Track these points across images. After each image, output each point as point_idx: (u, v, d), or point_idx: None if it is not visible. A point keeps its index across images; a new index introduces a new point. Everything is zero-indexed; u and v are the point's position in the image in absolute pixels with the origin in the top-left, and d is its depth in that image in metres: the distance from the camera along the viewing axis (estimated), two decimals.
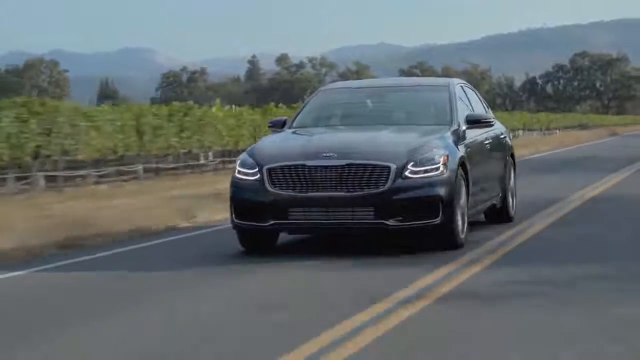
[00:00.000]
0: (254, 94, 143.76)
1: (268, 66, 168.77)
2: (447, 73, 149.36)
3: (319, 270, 10.31)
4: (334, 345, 6.82)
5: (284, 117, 13.32)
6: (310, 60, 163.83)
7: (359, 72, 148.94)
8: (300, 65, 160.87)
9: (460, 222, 11.41)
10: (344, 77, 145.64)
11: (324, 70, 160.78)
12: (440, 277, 9.55)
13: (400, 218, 10.92)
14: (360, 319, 7.65)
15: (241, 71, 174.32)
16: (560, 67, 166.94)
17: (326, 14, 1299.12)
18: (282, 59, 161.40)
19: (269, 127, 13.13)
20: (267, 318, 7.93)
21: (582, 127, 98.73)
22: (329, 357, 6.55)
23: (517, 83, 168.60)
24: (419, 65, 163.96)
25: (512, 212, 14.27)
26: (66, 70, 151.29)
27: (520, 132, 73.80)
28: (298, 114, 13.10)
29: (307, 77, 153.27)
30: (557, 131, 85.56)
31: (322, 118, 13.03)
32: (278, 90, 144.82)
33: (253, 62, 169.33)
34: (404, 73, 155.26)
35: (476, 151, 12.47)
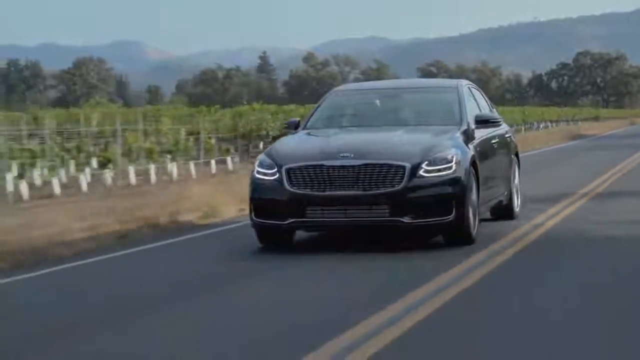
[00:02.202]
0: (285, 91, 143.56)
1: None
2: (460, 70, 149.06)
3: (339, 267, 9.78)
4: (358, 344, 6.26)
5: (297, 119, 12.77)
6: (334, 58, 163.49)
7: (380, 70, 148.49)
8: (325, 64, 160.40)
9: (472, 219, 10.92)
10: (365, 74, 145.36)
11: (347, 68, 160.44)
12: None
13: (415, 215, 10.45)
14: (386, 315, 7.13)
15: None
16: (564, 65, 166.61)
17: (314, 7, 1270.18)
18: (309, 57, 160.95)
19: (284, 128, 12.58)
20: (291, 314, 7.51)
21: (596, 119, 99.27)
22: (355, 355, 6.01)
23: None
24: (435, 64, 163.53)
25: (516, 209, 13.67)
26: (112, 69, 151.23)
27: (551, 123, 75.96)
28: (311, 115, 12.54)
29: (332, 74, 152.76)
30: (580, 122, 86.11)
31: (335, 119, 12.43)
32: (307, 87, 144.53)
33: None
34: (420, 71, 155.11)
35: (485, 150, 11.96)
